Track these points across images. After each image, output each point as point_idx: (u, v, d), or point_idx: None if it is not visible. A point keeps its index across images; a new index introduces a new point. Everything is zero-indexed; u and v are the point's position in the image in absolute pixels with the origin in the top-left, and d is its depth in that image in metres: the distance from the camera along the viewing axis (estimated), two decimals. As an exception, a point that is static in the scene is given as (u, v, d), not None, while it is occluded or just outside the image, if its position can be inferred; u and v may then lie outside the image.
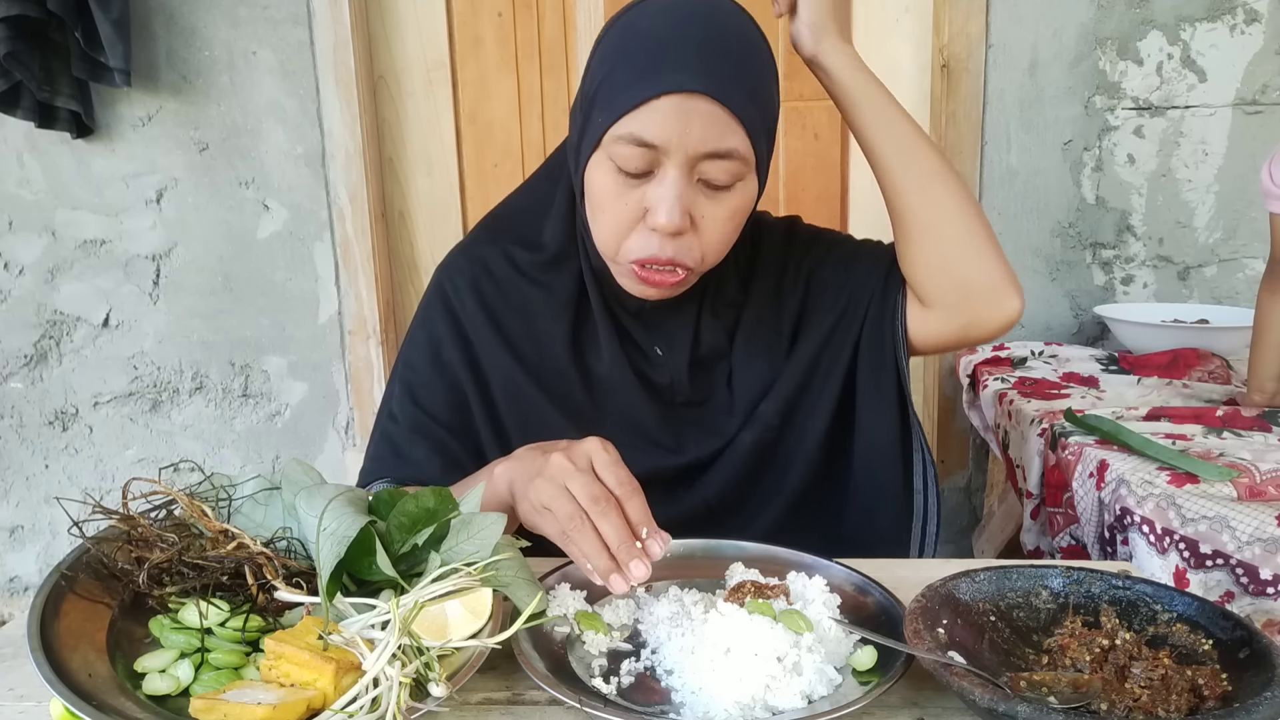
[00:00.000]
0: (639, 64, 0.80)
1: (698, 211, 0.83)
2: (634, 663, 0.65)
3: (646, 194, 0.82)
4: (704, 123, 0.78)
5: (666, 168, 0.80)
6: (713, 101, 0.78)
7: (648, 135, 0.79)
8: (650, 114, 0.78)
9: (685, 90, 0.77)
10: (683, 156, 0.79)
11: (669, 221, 0.80)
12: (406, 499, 0.69)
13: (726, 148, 0.80)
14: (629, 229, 0.84)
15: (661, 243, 0.83)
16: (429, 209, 2.12)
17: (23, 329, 2.09)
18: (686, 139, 0.78)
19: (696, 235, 0.84)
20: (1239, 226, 1.97)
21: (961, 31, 1.91)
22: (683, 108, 0.78)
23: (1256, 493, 1.07)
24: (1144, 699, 0.57)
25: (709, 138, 0.79)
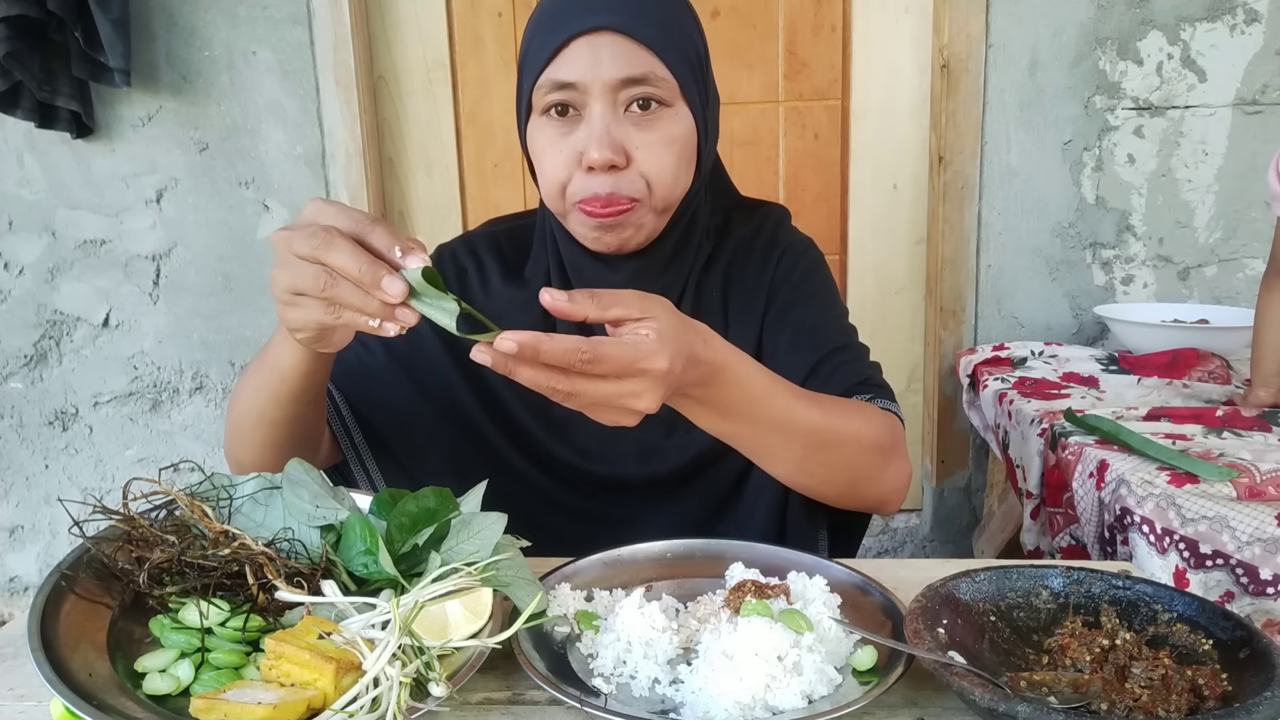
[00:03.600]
0: (549, 22, 0.86)
1: (631, 143, 0.85)
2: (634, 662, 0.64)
3: (578, 137, 0.85)
4: (613, 53, 0.83)
5: (590, 105, 0.84)
6: (619, 34, 0.83)
7: (565, 76, 0.84)
8: (565, 58, 0.84)
9: (590, 29, 0.83)
10: (600, 87, 0.83)
11: (600, 156, 0.83)
12: (407, 499, 0.69)
13: (640, 72, 0.84)
14: (568, 174, 0.86)
15: (601, 179, 0.85)
16: (429, 209, 2.12)
17: (23, 329, 2.09)
18: (600, 70, 0.83)
19: (635, 168, 0.86)
20: (1239, 226, 1.97)
21: (961, 31, 1.91)
22: (591, 44, 0.83)
23: (1256, 493, 1.07)
24: (1144, 699, 0.57)
25: (620, 66, 0.83)
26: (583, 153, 0.85)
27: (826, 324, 1.00)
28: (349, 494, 0.73)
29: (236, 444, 0.89)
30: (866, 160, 2.07)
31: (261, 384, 0.84)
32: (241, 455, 0.89)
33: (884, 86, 2.03)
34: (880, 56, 2.02)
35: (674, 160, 0.87)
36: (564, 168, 0.86)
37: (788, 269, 1.02)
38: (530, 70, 0.87)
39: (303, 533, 0.69)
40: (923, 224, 2.09)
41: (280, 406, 0.84)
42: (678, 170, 0.88)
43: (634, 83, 0.84)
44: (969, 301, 2.03)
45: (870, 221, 2.11)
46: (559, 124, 0.86)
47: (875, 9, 2.00)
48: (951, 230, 2.00)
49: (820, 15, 2.01)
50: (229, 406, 0.92)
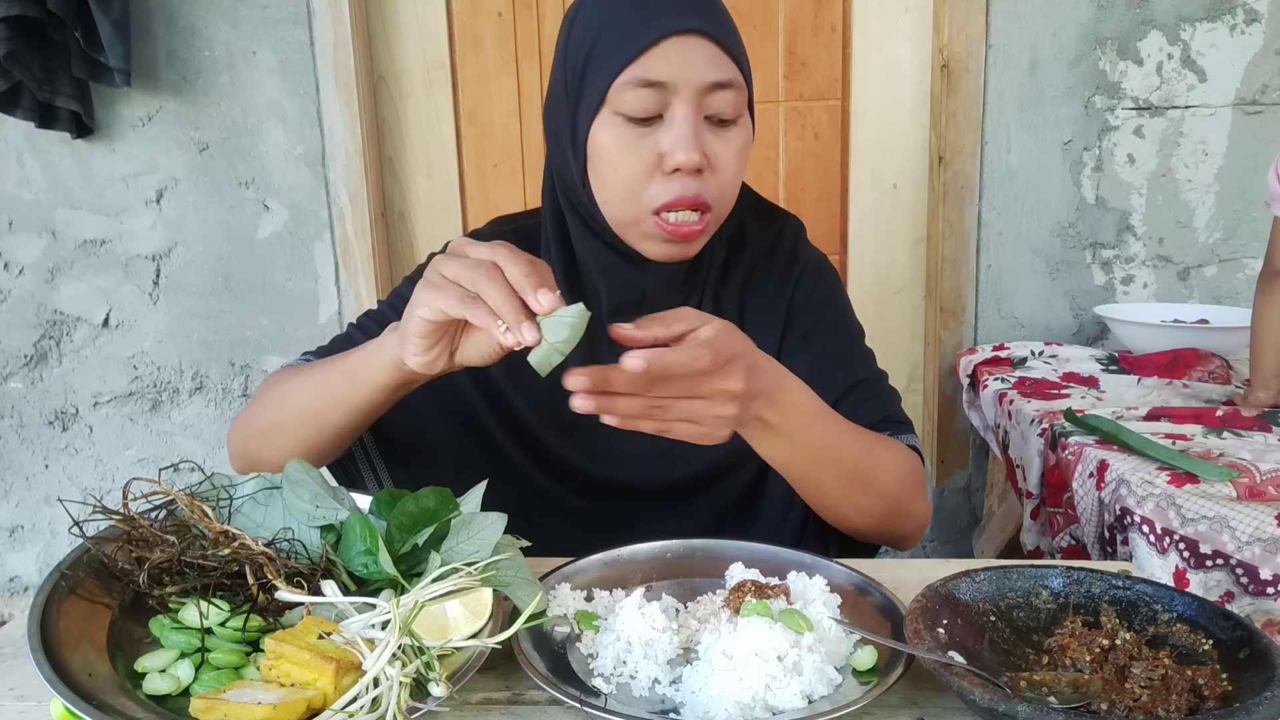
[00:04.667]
0: (631, 17, 0.83)
1: (710, 150, 0.83)
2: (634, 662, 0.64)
3: (659, 139, 0.83)
4: (704, 57, 0.82)
5: (676, 106, 0.82)
6: (707, 38, 0.82)
7: (655, 74, 0.81)
8: (654, 56, 0.81)
9: (683, 30, 0.81)
10: (691, 90, 0.81)
11: (688, 158, 0.81)
12: (407, 499, 0.69)
13: (727, 78, 0.83)
14: (646, 179, 0.84)
15: (685, 182, 0.83)
16: (429, 209, 2.12)
17: (23, 329, 2.09)
18: (691, 72, 0.81)
19: (712, 175, 0.84)
20: (1239, 226, 1.97)
21: (961, 31, 1.91)
22: (683, 45, 0.81)
23: (1256, 493, 1.07)
24: (1144, 699, 0.57)
25: (710, 70, 0.82)
26: (663, 155, 0.82)
27: (851, 353, 1.01)
28: (349, 494, 0.73)
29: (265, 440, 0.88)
30: (866, 160, 2.07)
31: (332, 386, 0.82)
32: (266, 451, 0.87)
33: (884, 86, 2.03)
34: (880, 56, 2.02)
35: (739, 171, 0.88)
36: (641, 172, 0.83)
37: (809, 289, 1.01)
38: (608, 63, 0.82)
39: (303, 533, 0.69)
40: (923, 224, 2.09)
41: (345, 414, 0.83)
42: (740, 179, 0.89)
43: (721, 87, 0.82)
44: (969, 301, 2.03)
45: (870, 221, 2.11)
46: (635, 126, 0.83)
47: (875, 9, 2.00)
48: (951, 230, 2.00)
49: (820, 15, 2.01)
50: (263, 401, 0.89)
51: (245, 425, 0.91)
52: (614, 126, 0.83)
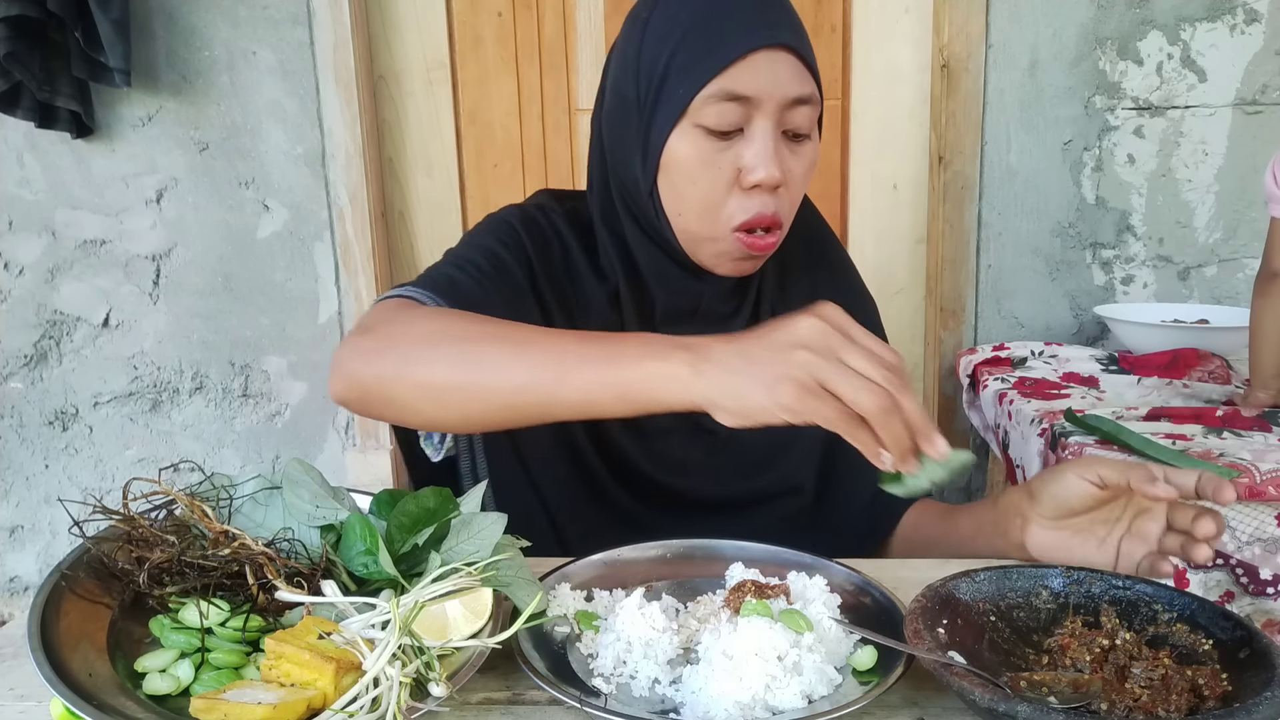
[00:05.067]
0: (717, 28, 0.81)
1: (785, 165, 0.83)
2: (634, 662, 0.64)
3: (739, 154, 0.82)
4: (789, 72, 0.82)
5: (757, 121, 0.82)
6: (792, 53, 0.82)
7: (741, 88, 0.80)
8: (741, 69, 0.80)
9: (771, 44, 0.80)
10: (773, 106, 0.81)
11: (769, 175, 0.81)
12: (407, 499, 0.69)
13: (808, 93, 0.83)
14: (725, 194, 0.83)
15: (764, 200, 0.83)
16: (429, 209, 2.12)
17: (23, 329, 2.09)
18: (777, 88, 0.81)
19: (785, 191, 0.85)
20: (1239, 226, 1.97)
21: (961, 31, 1.91)
22: (770, 60, 0.81)
23: (1256, 493, 1.07)
24: (1144, 699, 0.57)
25: (794, 85, 0.82)
26: (742, 170, 0.82)
27: None
28: (349, 494, 0.73)
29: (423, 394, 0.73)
30: (866, 160, 2.07)
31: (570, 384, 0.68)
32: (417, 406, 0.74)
33: (884, 86, 2.03)
34: (880, 56, 2.02)
35: (805, 186, 0.89)
36: (721, 187, 0.83)
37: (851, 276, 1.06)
38: (692, 74, 0.81)
39: (303, 533, 0.69)
40: (923, 224, 2.09)
41: (560, 411, 0.70)
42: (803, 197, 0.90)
43: (802, 103, 0.83)
44: (969, 301, 2.03)
45: (870, 221, 2.11)
46: (715, 140, 0.82)
47: (875, 9, 2.00)
48: (951, 230, 2.00)
49: (820, 15, 2.01)
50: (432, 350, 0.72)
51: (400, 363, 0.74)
52: (694, 139, 0.82)
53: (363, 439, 2.12)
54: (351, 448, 2.13)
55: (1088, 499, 0.76)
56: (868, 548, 1.00)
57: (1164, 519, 0.74)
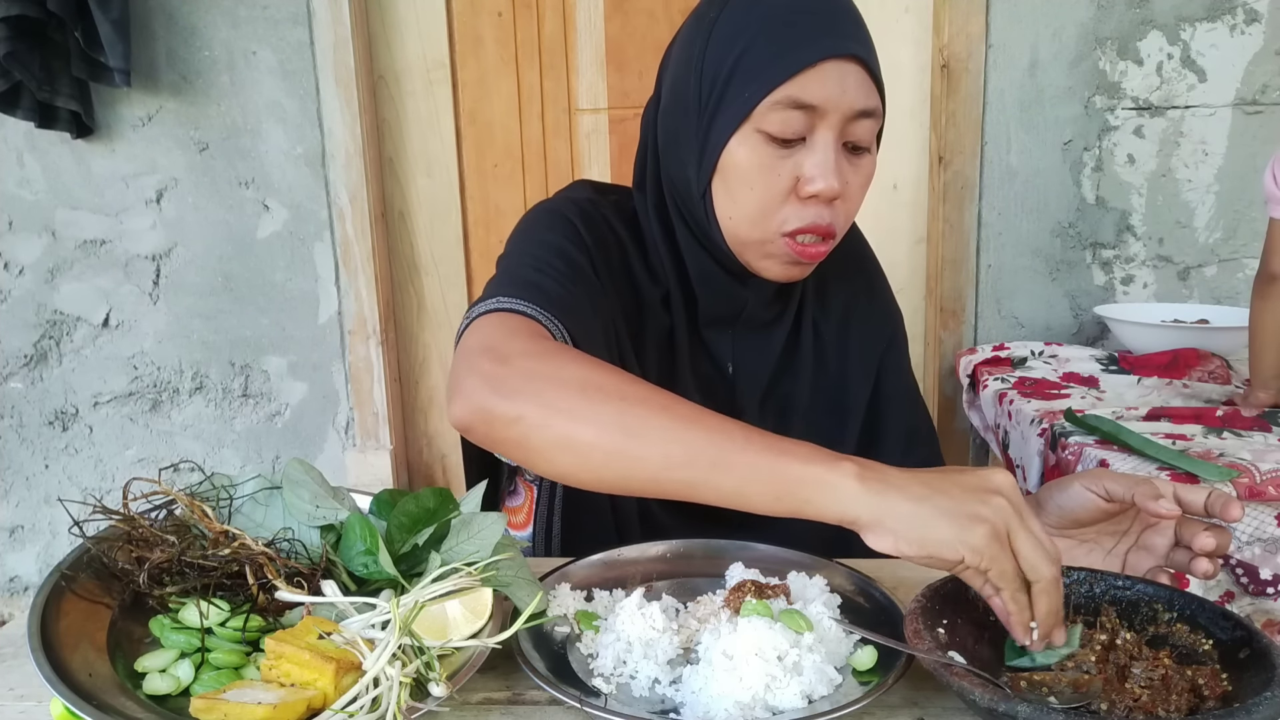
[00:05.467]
0: (788, 34, 0.80)
1: (844, 178, 0.83)
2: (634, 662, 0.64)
3: (800, 163, 0.82)
4: (856, 84, 0.81)
5: (820, 131, 0.81)
6: (860, 64, 0.81)
7: (808, 97, 0.79)
8: (809, 78, 0.79)
9: (840, 55, 0.80)
10: (838, 118, 0.81)
11: (828, 186, 0.80)
12: (406, 499, 0.69)
13: (872, 105, 0.82)
14: (781, 202, 0.83)
15: (819, 210, 0.82)
16: (429, 209, 2.12)
17: (23, 329, 2.09)
18: (843, 99, 0.80)
19: (843, 203, 0.85)
20: (1239, 226, 1.97)
21: (961, 31, 1.91)
22: (839, 70, 0.80)
23: (1256, 493, 1.07)
24: (1144, 699, 0.57)
25: (860, 98, 0.81)
26: (801, 179, 0.81)
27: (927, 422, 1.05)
28: (349, 494, 0.73)
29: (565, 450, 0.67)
30: (866, 160, 2.07)
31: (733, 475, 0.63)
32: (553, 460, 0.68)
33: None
34: (880, 56, 2.02)
35: (861, 199, 0.88)
36: (777, 194, 0.82)
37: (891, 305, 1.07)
38: (759, 79, 0.80)
39: (303, 533, 0.69)
40: (923, 224, 2.09)
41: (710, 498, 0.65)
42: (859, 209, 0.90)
43: (866, 116, 0.82)
44: (969, 301, 2.03)
45: (870, 221, 2.09)
46: (776, 147, 0.81)
47: (875, 9, 2.00)
48: (951, 230, 2.00)
49: (820, 15, 2.01)
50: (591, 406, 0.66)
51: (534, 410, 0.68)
52: (755, 145, 0.82)
53: (362, 439, 2.12)
54: (351, 448, 2.13)
55: (1094, 511, 0.76)
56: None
57: (1172, 533, 0.74)
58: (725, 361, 0.97)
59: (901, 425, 1.02)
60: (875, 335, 1.03)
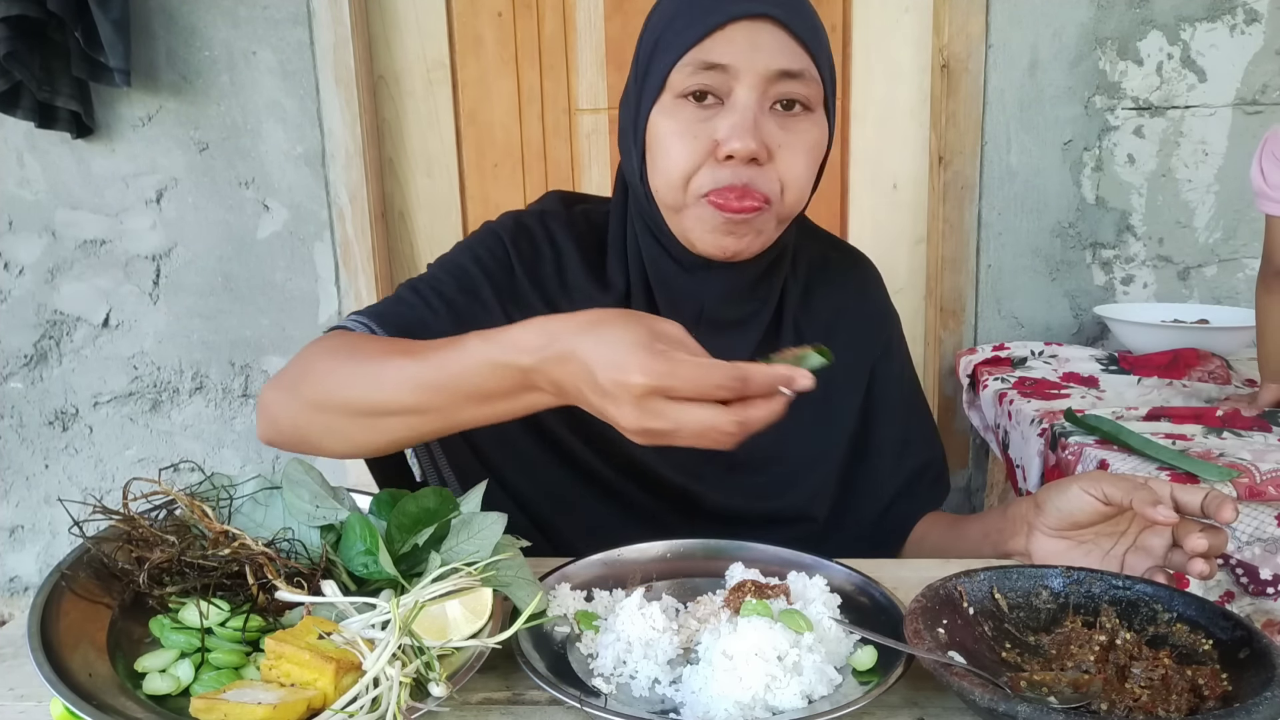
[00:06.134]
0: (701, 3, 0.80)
1: (773, 140, 0.80)
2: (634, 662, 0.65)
3: (716, 126, 0.79)
4: (773, 43, 0.79)
5: (737, 92, 0.79)
6: (779, 25, 0.79)
7: (717, 57, 0.78)
8: (718, 40, 0.78)
9: (752, 15, 0.78)
10: (754, 77, 0.78)
11: (744, 145, 0.77)
12: (407, 499, 0.69)
13: (797, 68, 0.79)
14: (696, 164, 0.80)
15: (737, 170, 0.79)
16: (429, 209, 2.12)
17: (23, 329, 2.09)
18: (756, 57, 0.78)
19: (773, 168, 0.81)
20: (1239, 226, 1.97)
21: (961, 31, 1.91)
22: (750, 29, 0.78)
23: (1256, 493, 1.07)
24: (1144, 699, 0.57)
25: (779, 57, 0.79)
26: (719, 141, 0.79)
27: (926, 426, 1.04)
28: (349, 494, 0.73)
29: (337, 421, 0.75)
30: (866, 160, 2.07)
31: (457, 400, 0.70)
32: (328, 439, 0.77)
33: (884, 86, 2.03)
34: (880, 56, 2.02)
35: (807, 167, 0.83)
36: (693, 156, 0.80)
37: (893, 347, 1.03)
38: (672, 48, 0.80)
39: (303, 533, 0.69)
40: (923, 224, 2.09)
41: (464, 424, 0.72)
42: (808, 179, 0.84)
43: (789, 76, 0.79)
44: (969, 301, 2.03)
45: (870, 221, 2.11)
46: (695, 109, 0.80)
47: (875, 9, 2.00)
48: (951, 230, 2.00)
49: (820, 15, 2.00)
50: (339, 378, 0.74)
51: (306, 398, 0.76)
52: (672, 111, 0.81)
53: (363, 439, 2.12)
54: (351, 448, 2.13)
55: (1092, 514, 0.76)
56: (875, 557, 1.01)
57: (1170, 535, 0.74)
58: None
59: (893, 434, 1.00)
60: (866, 342, 1.01)
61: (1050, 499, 0.78)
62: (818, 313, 0.99)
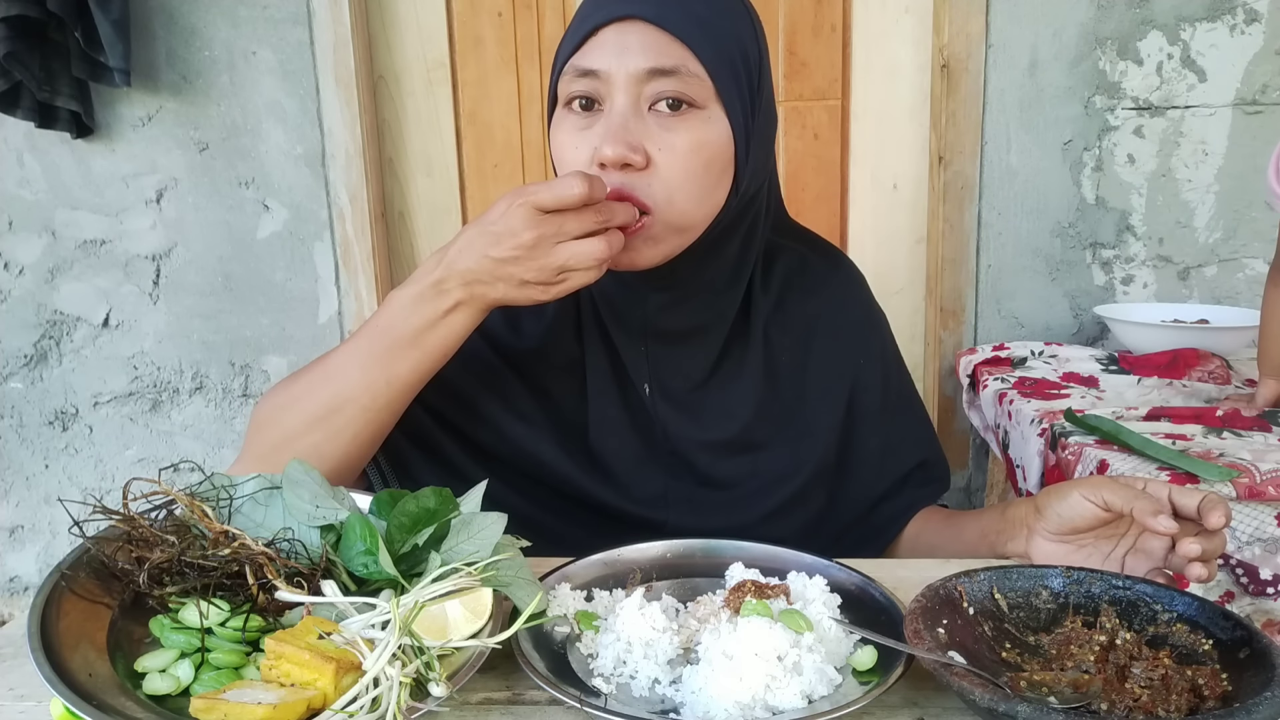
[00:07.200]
0: (582, 10, 0.81)
1: (652, 144, 0.78)
2: (634, 662, 0.65)
3: (596, 131, 0.79)
4: (641, 42, 0.77)
5: (612, 97, 0.78)
6: (649, 25, 0.77)
7: (589, 63, 0.78)
8: (592, 46, 0.79)
9: (618, 17, 0.78)
10: (624, 77, 0.77)
11: (613, 151, 0.76)
12: (407, 499, 0.69)
13: (669, 65, 0.77)
14: None
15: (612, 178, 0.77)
16: (429, 209, 2.12)
17: (23, 329, 2.09)
18: (625, 59, 0.77)
19: (655, 172, 0.78)
20: (1239, 226, 1.97)
21: (961, 31, 1.91)
22: (620, 32, 0.78)
23: (1256, 493, 1.07)
24: (1144, 699, 0.57)
25: (648, 55, 0.77)
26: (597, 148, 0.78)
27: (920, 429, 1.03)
28: (349, 494, 0.73)
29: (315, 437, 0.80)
30: (866, 160, 2.07)
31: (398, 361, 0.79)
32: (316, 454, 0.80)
33: (884, 86, 2.03)
34: (880, 56, 2.02)
35: (700, 168, 0.79)
36: (581, 166, 0.79)
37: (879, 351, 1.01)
38: (559, 58, 0.82)
39: (303, 533, 0.69)
40: (923, 224, 2.09)
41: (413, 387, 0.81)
42: (704, 181, 0.80)
43: (661, 74, 0.76)
44: (969, 301, 2.03)
45: (870, 221, 2.11)
46: (580, 118, 0.80)
47: (875, 9, 2.00)
48: (951, 230, 2.00)
49: (820, 15, 2.01)
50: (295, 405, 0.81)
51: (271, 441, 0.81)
52: (562, 120, 0.82)
53: (363, 439, 2.12)
54: (351, 448, 2.13)
55: (1092, 519, 0.76)
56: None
57: (1169, 537, 0.74)
58: (641, 382, 0.93)
59: (876, 443, 0.98)
60: (845, 351, 0.98)
61: (1050, 504, 0.78)
62: (792, 322, 0.96)
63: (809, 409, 0.96)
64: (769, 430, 0.95)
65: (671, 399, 0.93)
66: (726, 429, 0.93)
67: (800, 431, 0.95)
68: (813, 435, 0.96)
